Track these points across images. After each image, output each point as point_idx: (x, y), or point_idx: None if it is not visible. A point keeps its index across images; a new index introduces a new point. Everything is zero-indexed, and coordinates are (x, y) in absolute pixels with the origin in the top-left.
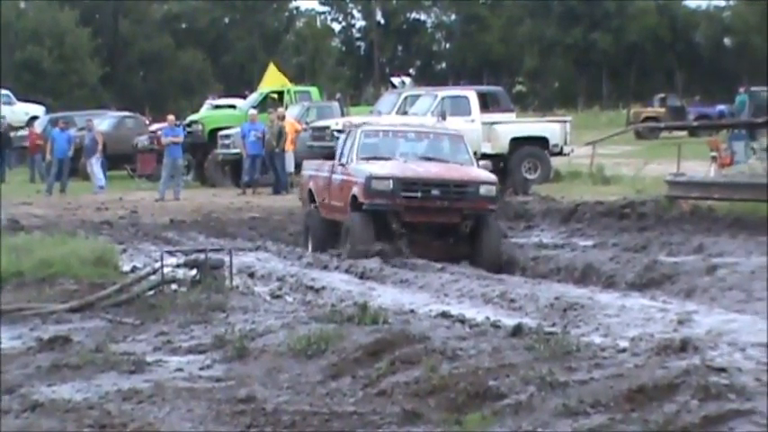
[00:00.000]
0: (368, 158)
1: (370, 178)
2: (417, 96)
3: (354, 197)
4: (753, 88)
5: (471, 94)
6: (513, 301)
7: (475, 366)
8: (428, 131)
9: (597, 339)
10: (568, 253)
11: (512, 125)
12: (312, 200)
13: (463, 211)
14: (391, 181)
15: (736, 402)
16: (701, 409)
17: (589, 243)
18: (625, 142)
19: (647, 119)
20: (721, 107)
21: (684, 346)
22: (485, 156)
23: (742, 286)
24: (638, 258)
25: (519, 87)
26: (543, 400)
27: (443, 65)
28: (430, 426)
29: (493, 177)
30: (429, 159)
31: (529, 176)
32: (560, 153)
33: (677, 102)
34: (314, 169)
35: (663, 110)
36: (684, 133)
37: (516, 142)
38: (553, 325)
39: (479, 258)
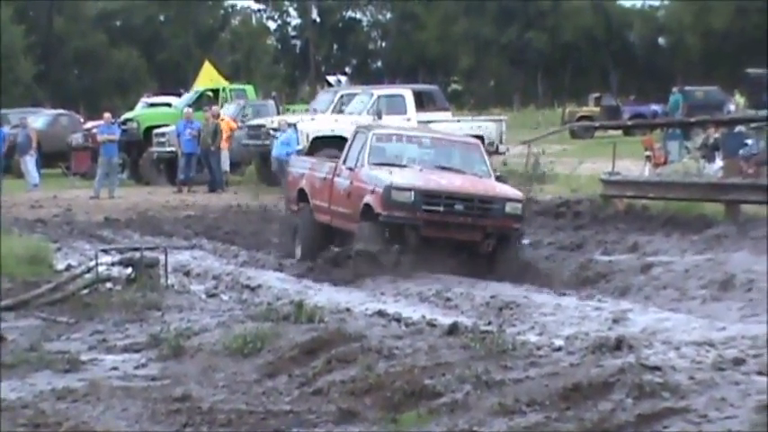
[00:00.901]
0: (379, 164)
1: (389, 188)
2: (353, 95)
3: (368, 206)
4: (686, 88)
5: (407, 92)
6: (448, 299)
7: (411, 365)
8: (444, 138)
9: (533, 338)
10: None
11: (447, 124)
12: (302, 200)
13: (486, 229)
14: (412, 192)
15: (670, 401)
16: (635, 408)
17: (525, 242)
18: (560, 141)
19: (582, 118)
20: (656, 106)
21: (619, 345)
22: None
23: (676, 285)
24: (574, 257)
25: (454, 86)
26: (479, 398)
27: (379, 63)
28: (366, 424)
29: (519, 194)
30: (444, 169)
31: None
32: (496, 152)
33: (612, 101)
34: (307, 167)
35: (598, 109)
36: (619, 132)
37: None
38: (489, 323)
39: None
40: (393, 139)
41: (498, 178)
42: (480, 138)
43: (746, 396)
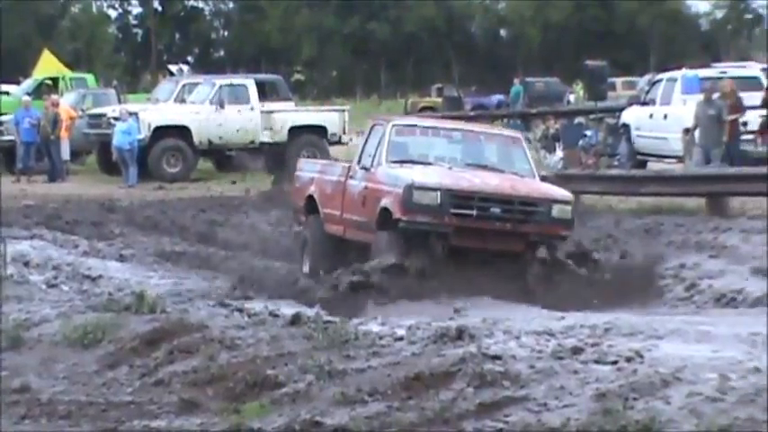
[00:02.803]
0: (401, 162)
1: (411, 188)
2: (195, 84)
3: (386, 211)
4: (527, 79)
5: (250, 82)
6: None
7: (253, 355)
8: (478, 131)
9: (375, 328)
10: None
11: (290, 114)
12: (311, 209)
13: (529, 237)
14: (439, 193)
15: (510, 389)
16: (476, 397)
17: None
18: None
19: (425, 108)
20: (499, 97)
21: (461, 335)
22: (263, 144)
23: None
24: None
25: (297, 76)
26: (321, 388)
27: (222, 53)
28: (208, 415)
29: (568, 195)
30: (479, 167)
31: None
32: (339, 142)
33: (454, 92)
34: (317, 171)
35: (440, 100)
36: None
37: (295, 131)
38: (332, 314)
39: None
40: (416, 133)
41: (544, 179)
42: (323, 128)
43: (585, 384)
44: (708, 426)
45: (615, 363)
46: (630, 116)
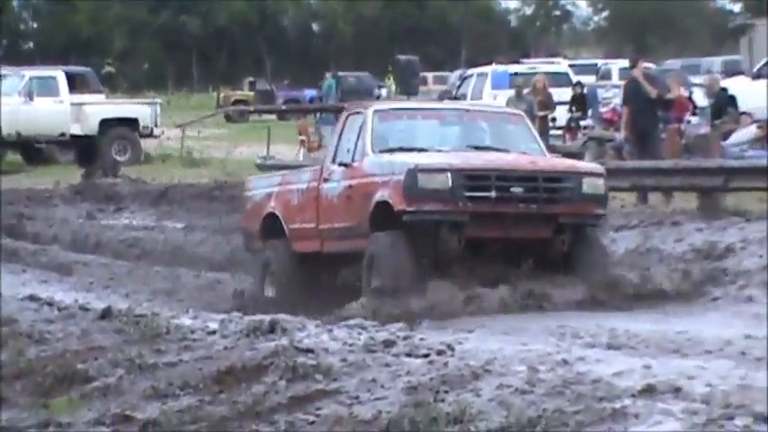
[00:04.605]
0: (389, 151)
1: (415, 171)
2: (4, 76)
3: (384, 205)
4: (339, 73)
5: (59, 74)
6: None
7: (63, 349)
8: (473, 110)
9: (187, 321)
10: (158, 235)
11: (101, 106)
12: (270, 232)
13: (558, 220)
14: (449, 174)
15: (322, 383)
16: (288, 390)
17: (179, 225)
18: (215, 125)
19: (237, 102)
20: (311, 91)
21: (273, 328)
22: (74, 136)
23: None
24: (228, 240)
25: (108, 68)
26: (132, 382)
27: (31, 44)
28: (15, 410)
29: (599, 167)
30: (481, 149)
31: (119, 158)
32: (150, 135)
33: (266, 86)
34: (275, 184)
35: (252, 93)
36: (274, 117)
37: (106, 123)
38: (143, 307)
39: (577, 290)
40: (403, 117)
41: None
42: (135, 120)
43: (396, 377)
44: (517, 417)
45: (426, 356)
46: None
